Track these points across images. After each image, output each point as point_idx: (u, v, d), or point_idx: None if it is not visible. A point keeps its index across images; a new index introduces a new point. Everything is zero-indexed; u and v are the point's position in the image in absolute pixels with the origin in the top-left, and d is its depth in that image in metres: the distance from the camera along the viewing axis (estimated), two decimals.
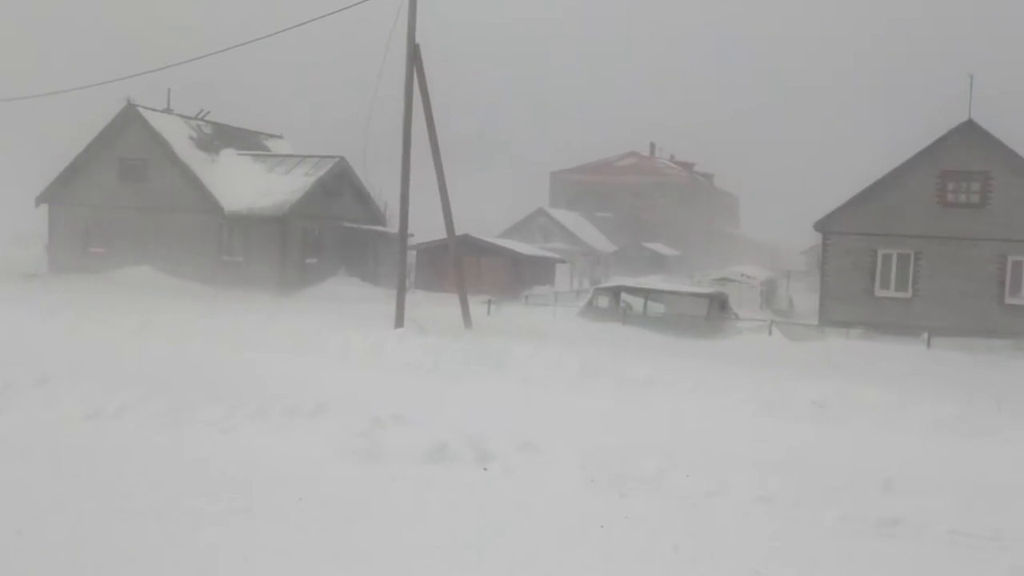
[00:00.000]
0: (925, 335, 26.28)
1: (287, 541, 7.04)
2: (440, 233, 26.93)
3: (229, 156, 40.50)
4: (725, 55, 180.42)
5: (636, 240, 69.76)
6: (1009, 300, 28.31)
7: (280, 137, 47.47)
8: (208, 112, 42.69)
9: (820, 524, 8.20)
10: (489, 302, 30.59)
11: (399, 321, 22.72)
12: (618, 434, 11.75)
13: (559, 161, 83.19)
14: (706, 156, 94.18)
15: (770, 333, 27.49)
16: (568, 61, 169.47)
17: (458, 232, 26.28)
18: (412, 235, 28.22)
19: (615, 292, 29.42)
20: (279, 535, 7.17)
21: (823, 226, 30.57)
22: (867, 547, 7.69)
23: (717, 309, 28.37)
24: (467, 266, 29.37)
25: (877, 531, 8.08)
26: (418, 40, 22.77)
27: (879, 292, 29.69)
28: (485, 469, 9.54)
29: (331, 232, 40.20)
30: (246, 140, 43.81)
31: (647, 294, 28.86)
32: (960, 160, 28.87)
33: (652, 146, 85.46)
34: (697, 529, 7.92)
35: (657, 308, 28.37)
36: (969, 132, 28.79)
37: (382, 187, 41.02)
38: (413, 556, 6.86)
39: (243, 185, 38.22)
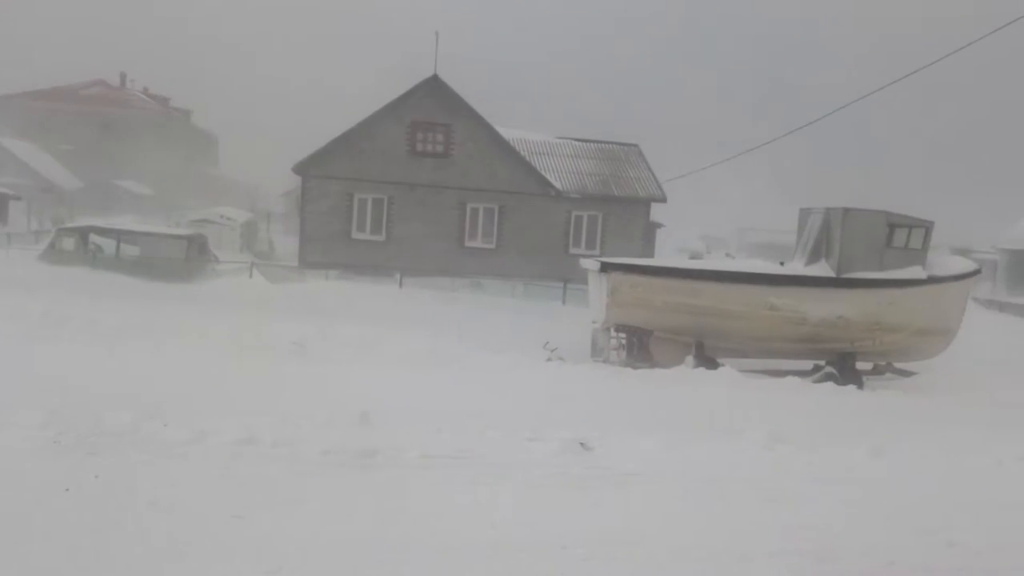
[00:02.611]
0: (398, 275, 28.07)
1: None
2: None
3: None
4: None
5: (106, 177, 64.41)
6: (468, 243, 31.36)
7: None
8: None
9: (303, 460, 8.24)
10: None
11: None
12: (88, 387, 10.67)
13: (9, 85, 73.30)
14: (184, 92, 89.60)
15: (251, 275, 27.28)
16: None
17: None
18: None
19: (83, 233, 26.85)
20: None
21: (302, 169, 30.93)
22: (348, 478, 7.89)
23: (196, 251, 27.35)
24: None
25: (357, 462, 8.35)
26: None
27: (356, 235, 30.96)
28: None
29: None
30: None
31: (119, 235, 26.81)
32: (427, 112, 31.04)
33: (123, 76, 79.28)
34: (176, 480, 7.46)
35: (131, 250, 26.52)
36: (435, 86, 31.04)
37: None
38: None
39: None
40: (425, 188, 30.96)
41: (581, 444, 9.36)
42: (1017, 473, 9.74)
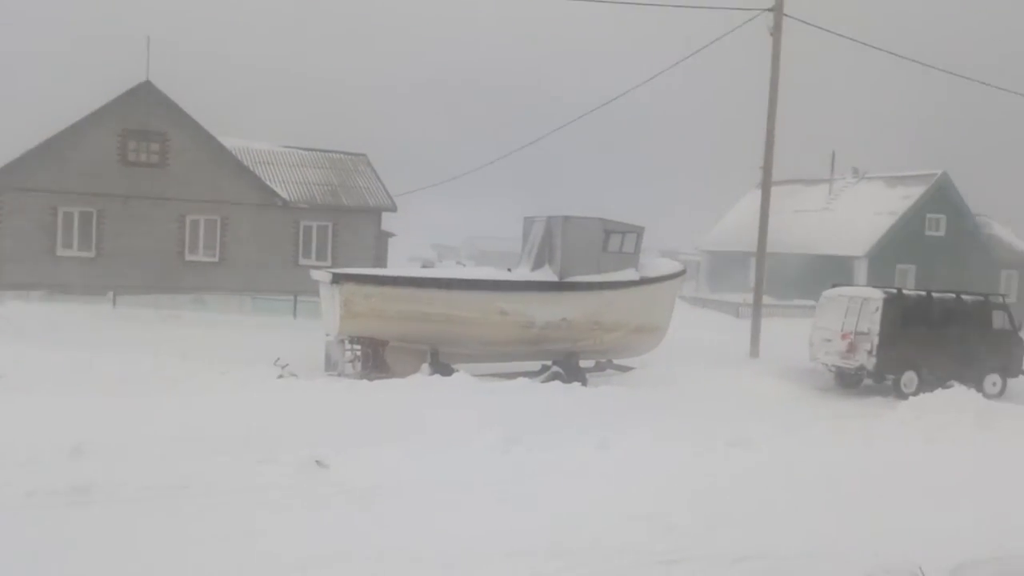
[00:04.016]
0: (111, 294, 26.12)
1: None
2: None
3: None
4: None
5: None
6: (189, 257, 29.78)
7: None
8: None
9: (6, 505, 7.41)
10: None
11: None
12: None
13: None
14: None
15: None
16: None
17: None
18: None
19: None
20: None
21: None
22: (61, 518, 7.20)
23: None
24: None
25: (70, 500, 7.64)
26: None
27: (62, 252, 28.45)
28: None
29: None
30: None
31: None
32: (140, 120, 29.14)
33: None
34: None
35: None
36: (147, 93, 29.22)
37: None
38: None
39: None
40: (140, 200, 29.02)
41: (317, 462, 9.13)
42: (726, 457, 10.64)
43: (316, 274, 18.17)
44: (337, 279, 17.01)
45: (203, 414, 11.64)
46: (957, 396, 14.65)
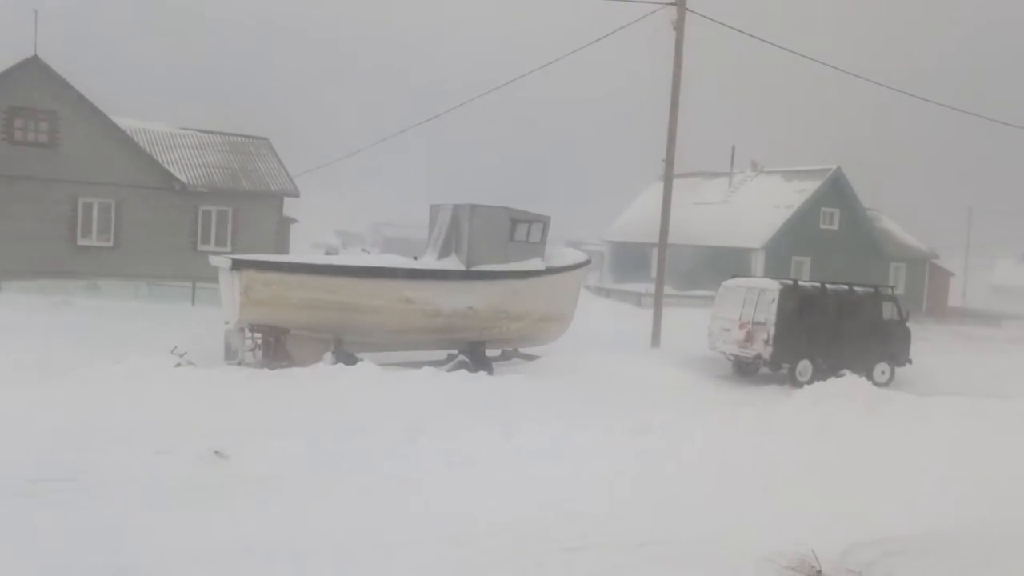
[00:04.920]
0: None
1: None
2: None
3: None
4: None
5: None
6: (81, 241, 28.67)
7: None
8: None
9: None
10: None
11: None
12: None
13: None
14: None
15: None
16: None
17: None
18: None
19: None
20: None
21: None
22: None
23: None
24: None
25: None
26: None
27: None
28: None
29: None
30: None
31: None
32: (27, 97, 27.88)
33: None
34: None
35: None
36: (35, 69, 27.96)
37: None
38: None
39: None
40: (28, 181, 27.76)
41: (216, 453, 8.90)
42: (626, 444, 10.78)
43: (215, 260, 17.69)
44: (237, 265, 16.60)
45: (96, 404, 11.22)
46: (849, 384, 15.16)
